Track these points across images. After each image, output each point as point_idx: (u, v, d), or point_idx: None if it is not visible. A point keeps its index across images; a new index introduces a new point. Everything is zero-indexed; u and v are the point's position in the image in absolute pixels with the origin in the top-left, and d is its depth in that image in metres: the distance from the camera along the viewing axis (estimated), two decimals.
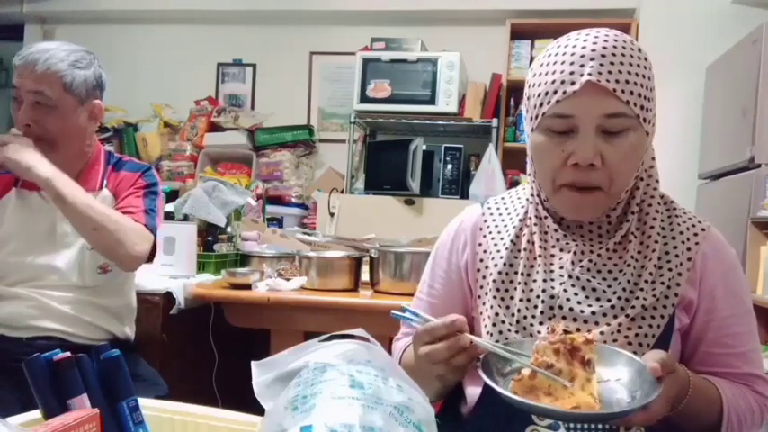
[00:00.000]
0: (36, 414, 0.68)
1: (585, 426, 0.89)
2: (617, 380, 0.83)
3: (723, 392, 0.92)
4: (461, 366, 0.87)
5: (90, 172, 1.62)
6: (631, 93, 0.87)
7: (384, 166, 3.38)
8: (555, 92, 0.88)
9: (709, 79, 3.22)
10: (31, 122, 1.50)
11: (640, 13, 3.48)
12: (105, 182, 1.63)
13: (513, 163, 3.51)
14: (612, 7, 3.59)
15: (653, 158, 0.98)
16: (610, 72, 0.86)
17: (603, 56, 0.87)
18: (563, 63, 0.88)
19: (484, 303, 1.01)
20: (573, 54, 0.88)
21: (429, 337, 0.86)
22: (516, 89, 3.61)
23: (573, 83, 0.87)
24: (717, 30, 3.20)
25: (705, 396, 0.90)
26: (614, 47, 0.88)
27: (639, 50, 0.90)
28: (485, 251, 1.04)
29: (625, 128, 0.88)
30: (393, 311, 0.95)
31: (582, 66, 0.87)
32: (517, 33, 3.66)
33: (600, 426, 0.89)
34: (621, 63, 0.87)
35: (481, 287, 1.02)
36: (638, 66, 0.88)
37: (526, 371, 0.81)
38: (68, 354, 0.68)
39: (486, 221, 1.07)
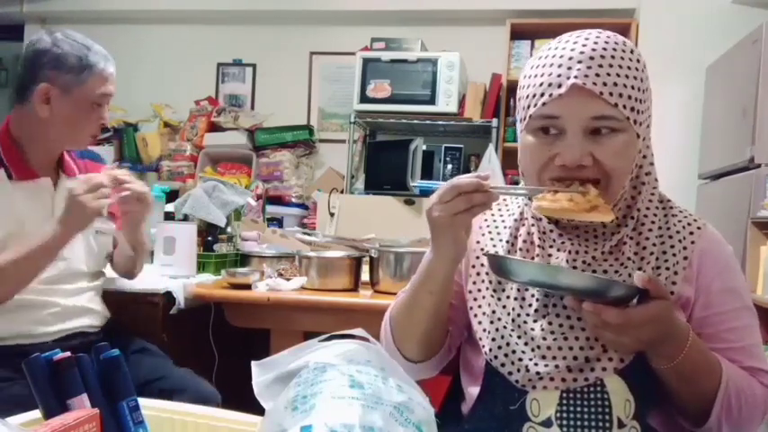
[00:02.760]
0: (36, 414, 0.68)
1: (579, 423, 0.90)
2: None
3: (724, 364, 0.92)
4: (477, 206, 0.88)
5: (64, 159, 1.64)
6: (620, 95, 0.86)
7: (384, 166, 3.38)
8: (542, 94, 0.89)
9: (709, 79, 3.22)
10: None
11: (640, 13, 3.48)
12: (77, 169, 1.68)
13: (513, 163, 3.45)
14: (612, 7, 3.59)
15: (651, 164, 0.98)
16: (597, 75, 0.86)
17: (592, 58, 0.87)
18: (551, 66, 0.89)
19: (478, 300, 1.01)
20: (562, 57, 0.88)
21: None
22: (516, 89, 3.60)
23: (560, 85, 0.87)
24: (717, 30, 3.20)
25: (705, 358, 0.90)
26: (604, 49, 0.88)
27: (632, 52, 0.90)
28: (482, 249, 1.05)
29: (614, 129, 0.88)
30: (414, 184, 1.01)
31: (569, 68, 0.87)
32: (517, 33, 3.66)
33: (594, 422, 0.90)
34: (611, 65, 0.87)
35: (474, 283, 1.03)
36: (629, 68, 0.88)
37: (548, 193, 0.89)
38: (68, 354, 0.68)
39: (485, 220, 1.08)
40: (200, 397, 1.57)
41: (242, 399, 0.92)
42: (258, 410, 0.67)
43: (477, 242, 1.06)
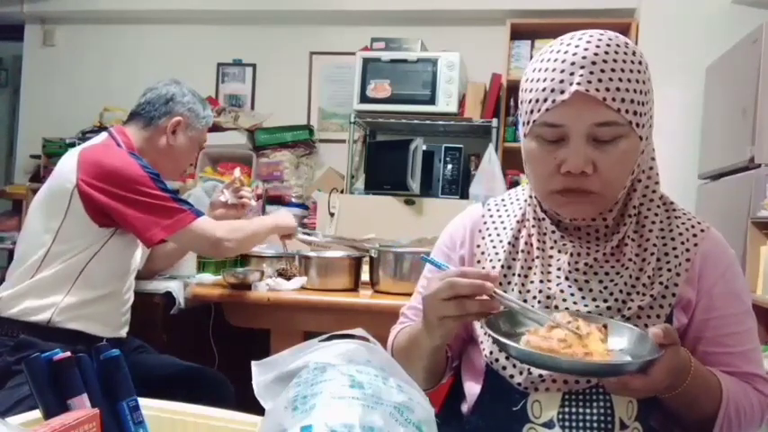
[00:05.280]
0: (36, 414, 0.68)
1: (581, 424, 0.90)
2: (620, 350, 0.84)
3: (723, 382, 0.92)
4: (470, 314, 0.85)
5: None
6: (623, 100, 0.86)
7: (384, 166, 3.38)
8: (545, 100, 0.88)
9: (709, 79, 3.22)
10: None
11: (640, 13, 3.48)
12: None
13: (513, 163, 3.50)
14: (612, 7, 3.59)
15: (653, 158, 0.98)
16: (600, 80, 0.85)
17: (594, 63, 0.86)
18: (554, 70, 0.88)
19: None
20: (564, 61, 0.87)
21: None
22: (516, 89, 3.58)
23: (562, 91, 0.86)
24: (717, 30, 3.20)
25: (705, 382, 0.90)
26: (606, 52, 0.87)
27: (634, 53, 0.89)
28: (482, 253, 1.04)
29: (616, 135, 0.88)
30: (423, 256, 0.99)
31: (572, 74, 0.86)
32: (517, 33, 3.66)
33: (596, 424, 0.90)
34: (613, 70, 0.86)
35: None
36: (631, 71, 0.87)
37: (544, 327, 0.83)
38: (68, 354, 0.68)
39: (485, 223, 1.07)
40: (217, 384, 1.79)
41: (242, 399, 0.92)
42: (258, 410, 0.67)
43: (478, 246, 1.06)
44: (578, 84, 0.85)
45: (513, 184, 3.42)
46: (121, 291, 1.72)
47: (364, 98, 3.52)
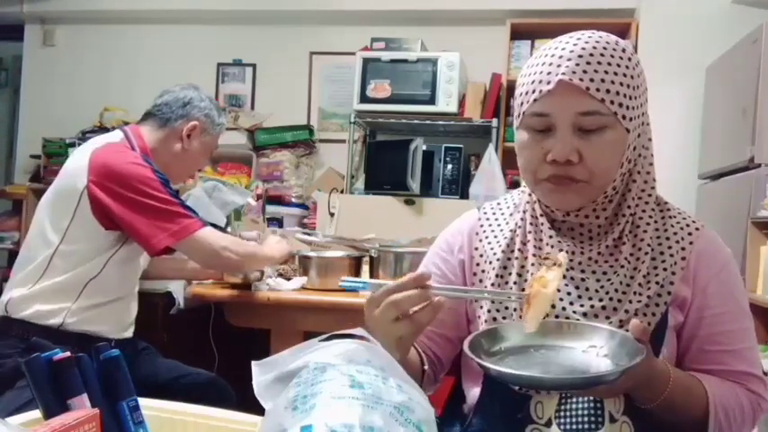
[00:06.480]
0: (36, 414, 0.68)
1: (575, 419, 0.91)
2: (600, 347, 0.84)
3: (709, 389, 0.92)
4: (423, 324, 0.86)
5: None
6: (607, 91, 0.88)
7: (384, 166, 3.38)
8: (533, 91, 0.91)
9: (709, 79, 3.22)
10: None
11: (640, 13, 3.48)
12: None
13: (513, 163, 3.42)
14: (612, 7, 3.59)
15: (651, 164, 0.99)
16: (585, 71, 0.88)
17: (580, 56, 0.88)
18: (543, 64, 0.91)
19: (481, 307, 1.02)
20: (553, 56, 0.90)
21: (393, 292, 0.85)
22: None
23: (549, 82, 0.89)
24: (717, 30, 3.20)
25: (688, 391, 0.91)
26: (594, 47, 0.89)
27: (623, 50, 0.91)
28: (481, 255, 1.05)
29: (601, 125, 0.89)
30: (341, 281, 0.98)
31: (558, 66, 0.89)
32: (517, 33, 3.66)
33: (587, 418, 0.91)
34: (599, 63, 0.88)
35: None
36: (618, 65, 0.89)
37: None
38: (68, 354, 0.68)
39: (482, 226, 1.08)
40: (221, 390, 1.80)
41: (242, 399, 0.92)
42: (258, 410, 0.67)
43: (476, 249, 1.06)
44: (563, 74, 0.88)
45: (513, 183, 3.42)
46: (133, 292, 1.74)
47: (364, 98, 3.52)
